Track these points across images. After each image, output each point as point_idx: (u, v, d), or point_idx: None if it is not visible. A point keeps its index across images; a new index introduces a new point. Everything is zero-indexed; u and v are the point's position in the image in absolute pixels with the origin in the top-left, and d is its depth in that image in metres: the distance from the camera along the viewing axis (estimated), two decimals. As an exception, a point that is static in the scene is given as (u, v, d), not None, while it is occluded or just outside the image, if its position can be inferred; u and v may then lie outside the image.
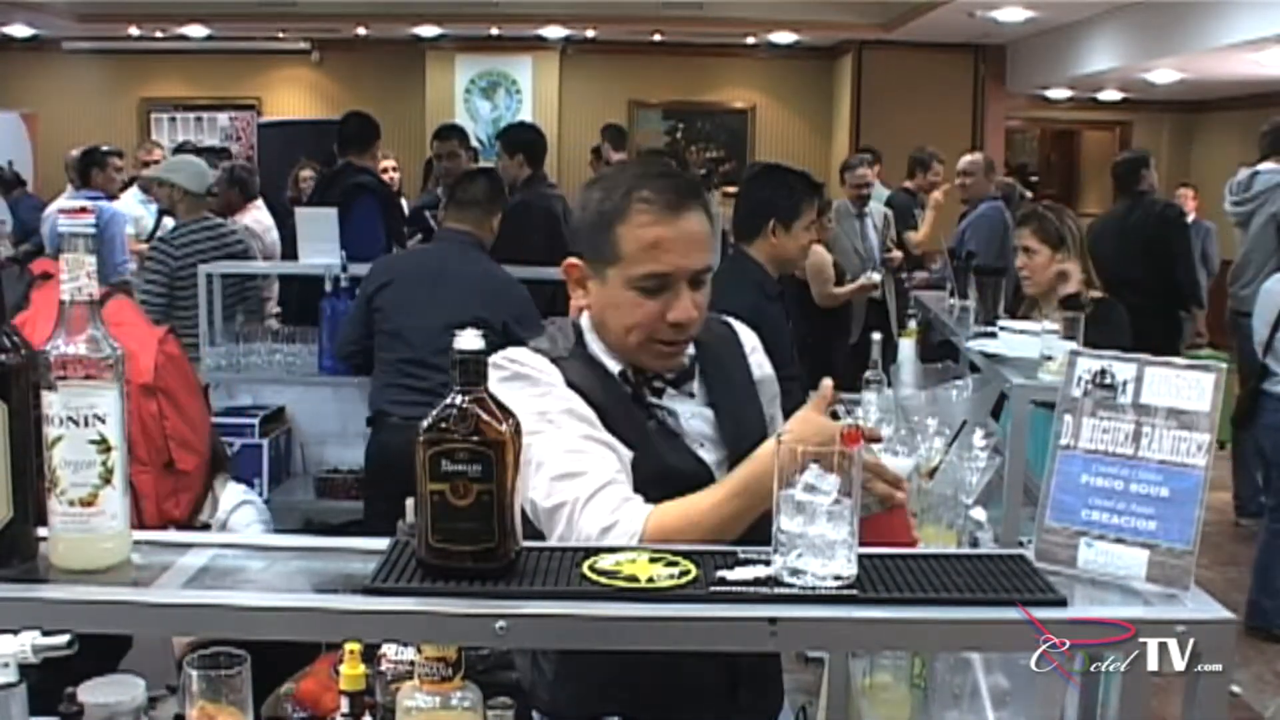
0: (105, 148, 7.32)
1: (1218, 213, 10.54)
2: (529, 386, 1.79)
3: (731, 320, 2.09)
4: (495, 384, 1.35)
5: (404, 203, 7.27)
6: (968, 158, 7.52)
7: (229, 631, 1.30)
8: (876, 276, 6.72)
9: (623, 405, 1.85)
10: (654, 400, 1.89)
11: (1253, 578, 5.23)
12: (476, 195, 4.43)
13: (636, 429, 1.83)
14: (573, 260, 1.90)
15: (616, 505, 1.67)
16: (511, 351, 1.85)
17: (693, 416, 1.91)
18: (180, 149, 9.38)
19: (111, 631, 1.36)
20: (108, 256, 6.52)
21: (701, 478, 1.82)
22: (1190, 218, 9.78)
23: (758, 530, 1.53)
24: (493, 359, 1.57)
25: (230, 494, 3.64)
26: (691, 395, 1.92)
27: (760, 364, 2.06)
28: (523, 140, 6.05)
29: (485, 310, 3.95)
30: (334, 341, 4.53)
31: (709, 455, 1.89)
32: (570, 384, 1.82)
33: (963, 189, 7.38)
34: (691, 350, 1.93)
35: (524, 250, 5.10)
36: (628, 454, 1.79)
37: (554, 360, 1.85)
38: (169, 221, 7.32)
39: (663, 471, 1.80)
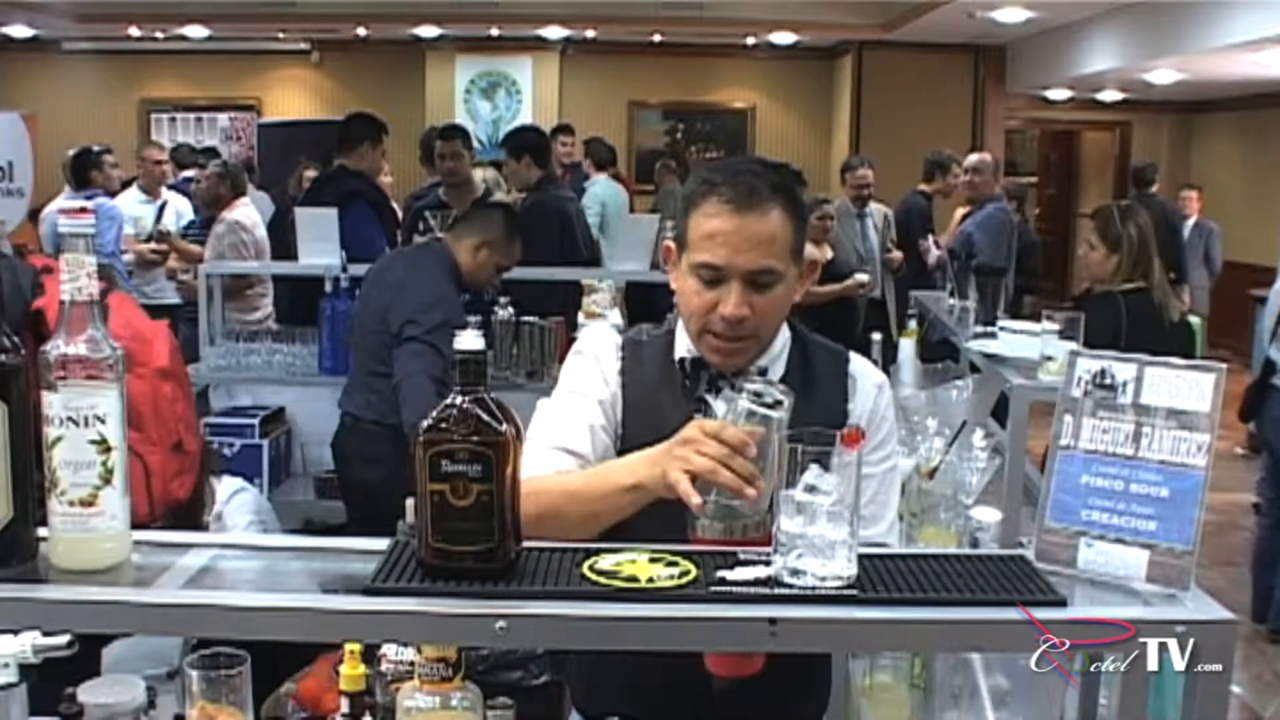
0: (96, 147, 7.31)
1: (1218, 213, 10.59)
2: (573, 359, 1.97)
3: (860, 364, 2.00)
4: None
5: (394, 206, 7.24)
6: (976, 157, 7.49)
7: (229, 631, 1.29)
8: (863, 277, 6.72)
9: (669, 391, 1.90)
10: (705, 397, 1.89)
11: (1256, 575, 5.23)
12: (482, 225, 4.29)
13: (672, 418, 1.82)
14: (667, 242, 1.97)
15: (534, 461, 1.75)
16: (593, 327, 2.06)
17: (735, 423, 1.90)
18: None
19: (111, 632, 1.36)
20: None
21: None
22: (1193, 219, 9.80)
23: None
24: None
25: (225, 486, 3.68)
26: None
27: (863, 401, 1.94)
28: (527, 142, 6.05)
29: (389, 311, 3.97)
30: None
31: None
32: (631, 363, 1.92)
33: (970, 188, 7.35)
34: (779, 367, 1.91)
35: (537, 251, 5.11)
36: (602, 445, 1.87)
37: (631, 341, 1.96)
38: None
39: None
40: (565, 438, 1.85)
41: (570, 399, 1.91)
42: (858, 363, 2.01)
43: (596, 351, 1.95)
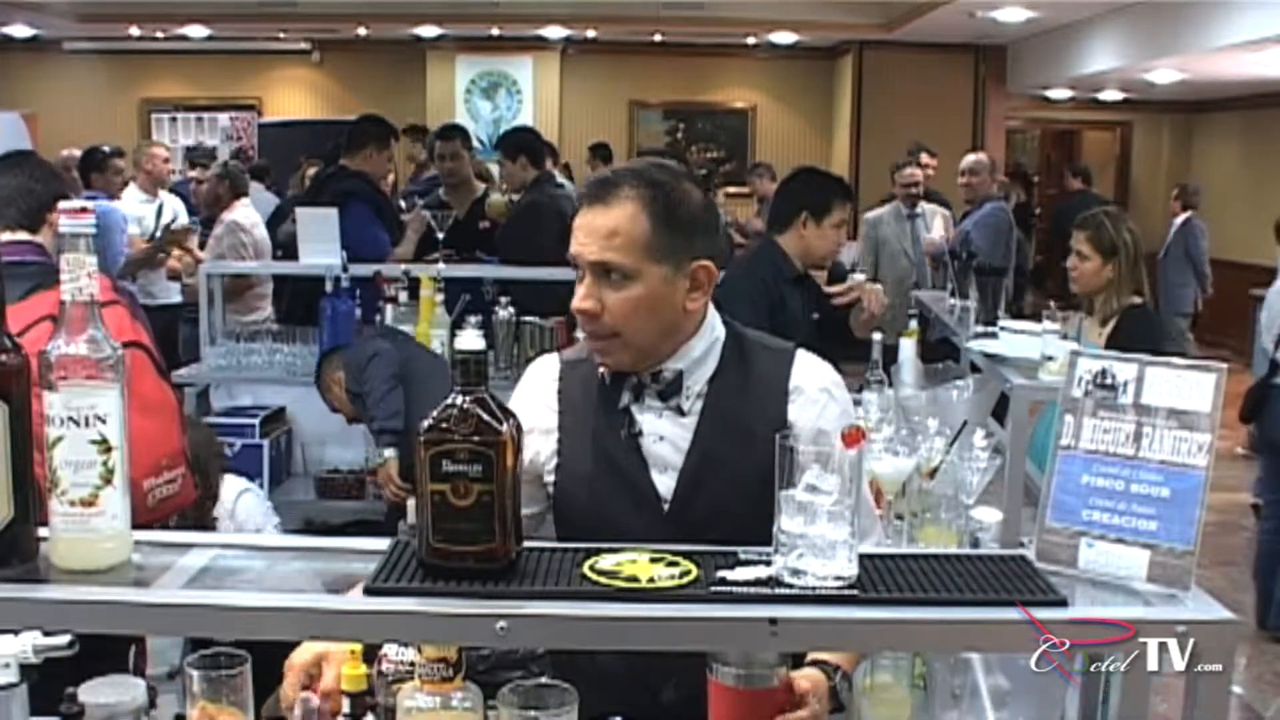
0: (106, 148, 7.31)
1: (1218, 213, 10.58)
2: (514, 395, 1.94)
3: (806, 367, 1.91)
4: None
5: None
6: (972, 157, 7.47)
7: (229, 631, 1.30)
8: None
9: (602, 411, 1.88)
10: (631, 409, 1.87)
11: (1261, 579, 5.22)
12: None
13: (604, 440, 1.86)
14: None
15: None
16: (538, 358, 2.03)
17: (662, 438, 1.86)
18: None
19: (112, 632, 1.36)
20: (105, 251, 6.53)
21: (647, 500, 1.85)
22: (1180, 218, 9.80)
23: None
24: None
25: (229, 485, 3.69)
26: (681, 413, 1.86)
27: (806, 408, 1.86)
28: (521, 142, 6.06)
29: None
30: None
31: (666, 481, 1.86)
32: (568, 386, 1.91)
33: (967, 188, 7.33)
34: (704, 369, 1.87)
35: (534, 251, 5.09)
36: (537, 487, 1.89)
37: (570, 362, 1.95)
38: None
39: (612, 485, 1.85)
40: None
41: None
42: (804, 364, 1.91)
43: (534, 385, 1.95)
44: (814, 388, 1.88)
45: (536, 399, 1.92)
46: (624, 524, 1.80)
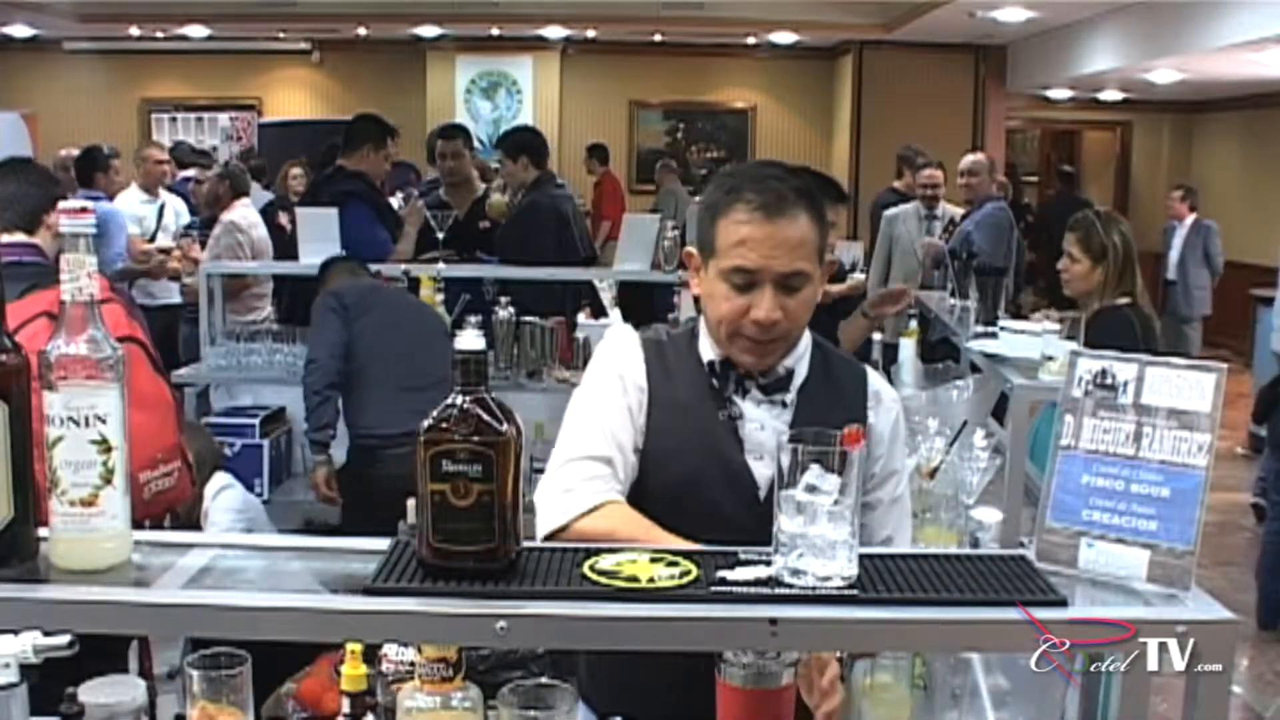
0: (106, 148, 7.31)
1: (1218, 213, 10.58)
2: (598, 359, 2.01)
3: (879, 380, 2.07)
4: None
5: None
6: (971, 158, 7.47)
7: (229, 631, 1.29)
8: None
9: (697, 392, 1.94)
10: (734, 398, 1.94)
11: (1263, 581, 5.22)
12: None
13: (701, 418, 1.92)
14: (689, 248, 2.00)
15: (574, 474, 1.84)
16: (615, 328, 2.10)
17: (763, 427, 1.93)
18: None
19: (112, 632, 1.36)
20: (104, 252, 6.53)
21: (741, 483, 1.90)
22: (1189, 220, 9.78)
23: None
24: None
25: (213, 482, 3.70)
26: (784, 405, 1.94)
27: (885, 415, 2.00)
28: (524, 142, 6.06)
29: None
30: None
31: (762, 469, 1.91)
32: (656, 363, 1.96)
33: (967, 189, 7.33)
34: (803, 368, 1.96)
35: (533, 251, 5.09)
36: (630, 457, 1.91)
37: (651, 341, 2.00)
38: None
39: (706, 463, 1.90)
40: (597, 445, 1.88)
41: (598, 403, 1.93)
42: (876, 378, 2.06)
43: (620, 352, 1.99)
44: (889, 398, 2.04)
45: (623, 367, 1.96)
46: (715, 502, 1.87)
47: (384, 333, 4.21)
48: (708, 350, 1.97)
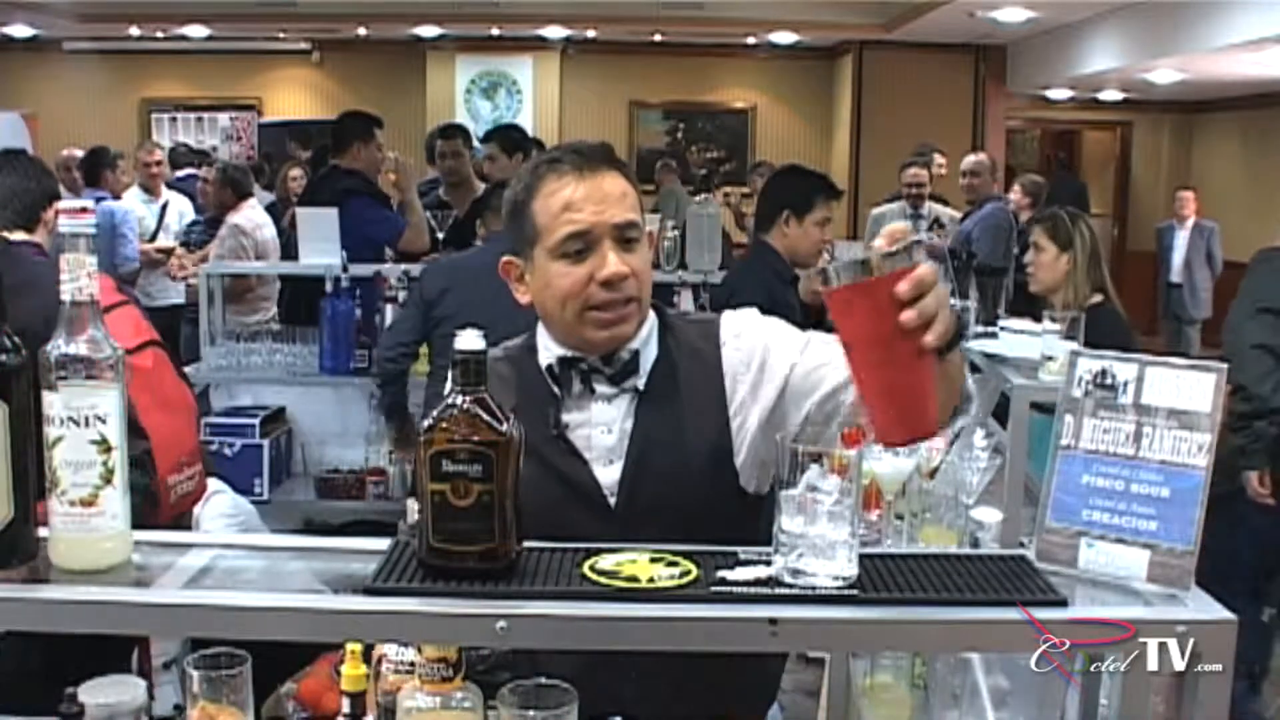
0: (111, 150, 7.33)
1: (1218, 213, 10.58)
2: None
3: (732, 316, 1.92)
4: None
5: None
6: (972, 158, 7.48)
7: (229, 631, 1.29)
8: None
9: (536, 405, 1.80)
10: (571, 403, 1.82)
11: None
12: None
13: (534, 438, 1.72)
14: (507, 258, 1.88)
15: None
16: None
17: (610, 430, 1.82)
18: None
19: (112, 632, 1.36)
20: (120, 250, 6.55)
21: (586, 495, 1.80)
22: (1191, 220, 9.79)
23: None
24: None
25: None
26: (636, 392, 1.82)
27: (740, 350, 1.85)
28: (519, 141, 6.07)
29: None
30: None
31: (609, 474, 1.81)
32: (495, 380, 1.83)
33: (968, 189, 7.33)
34: (651, 349, 1.84)
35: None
36: None
37: (494, 359, 1.83)
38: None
39: (548, 483, 1.76)
40: None
41: None
42: (733, 318, 1.91)
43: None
44: (737, 325, 1.88)
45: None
46: (574, 521, 1.69)
47: (464, 310, 4.19)
48: (545, 355, 1.85)
